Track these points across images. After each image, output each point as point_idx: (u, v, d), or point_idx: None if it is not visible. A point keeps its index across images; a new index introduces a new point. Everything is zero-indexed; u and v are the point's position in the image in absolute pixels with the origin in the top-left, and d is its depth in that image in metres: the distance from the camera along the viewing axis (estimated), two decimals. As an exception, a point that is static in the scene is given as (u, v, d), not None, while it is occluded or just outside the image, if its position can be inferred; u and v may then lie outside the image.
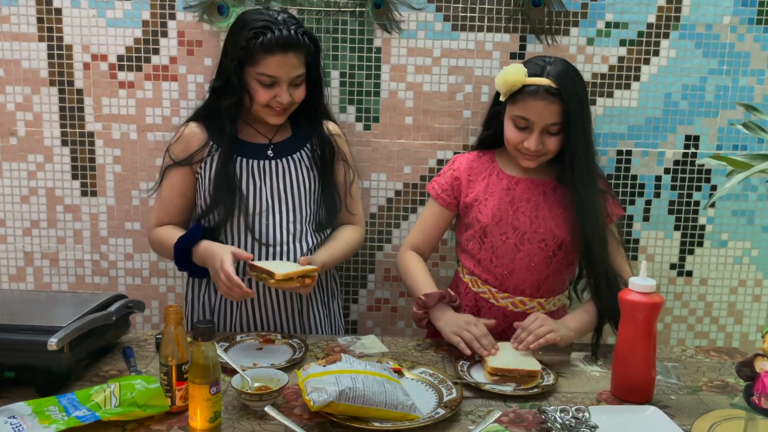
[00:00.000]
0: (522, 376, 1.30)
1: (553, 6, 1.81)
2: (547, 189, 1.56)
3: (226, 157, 1.54)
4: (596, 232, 1.48)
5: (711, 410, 1.21)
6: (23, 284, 1.93)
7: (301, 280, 1.41)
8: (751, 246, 1.96)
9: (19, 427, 1.05)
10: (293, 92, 1.52)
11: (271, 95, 1.50)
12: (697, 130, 1.89)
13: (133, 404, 1.10)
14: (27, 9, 1.79)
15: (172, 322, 1.13)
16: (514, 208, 1.54)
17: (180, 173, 1.57)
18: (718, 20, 1.84)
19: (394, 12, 1.81)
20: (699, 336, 2.01)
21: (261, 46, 1.45)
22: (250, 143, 1.59)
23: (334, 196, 1.64)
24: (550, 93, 1.43)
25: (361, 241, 1.71)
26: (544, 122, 1.46)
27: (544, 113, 1.45)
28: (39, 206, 1.90)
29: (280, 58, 1.47)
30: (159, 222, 1.60)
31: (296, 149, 1.61)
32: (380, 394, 1.12)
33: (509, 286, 1.57)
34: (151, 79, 1.84)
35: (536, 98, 1.44)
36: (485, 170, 1.60)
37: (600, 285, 1.48)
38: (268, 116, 1.55)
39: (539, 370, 1.32)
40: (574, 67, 1.50)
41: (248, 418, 1.15)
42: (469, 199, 1.58)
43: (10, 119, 1.85)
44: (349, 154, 1.69)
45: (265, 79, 1.48)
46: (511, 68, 1.46)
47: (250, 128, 1.60)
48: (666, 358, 1.47)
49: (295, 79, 1.51)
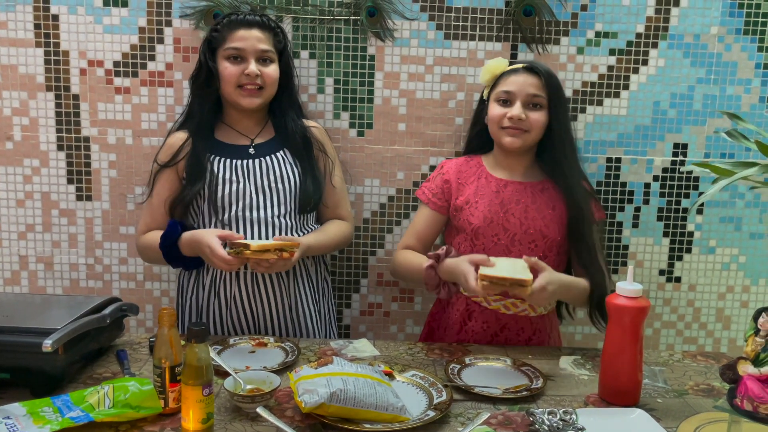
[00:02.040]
0: (511, 284, 1.33)
1: (544, 15, 1.85)
2: (536, 190, 1.59)
3: (195, 139, 1.59)
4: (586, 227, 1.54)
5: (696, 413, 1.23)
6: (18, 288, 1.94)
7: (278, 253, 1.42)
8: (738, 252, 1.99)
9: (14, 427, 1.06)
10: (262, 69, 1.57)
11: (239, 70, 1.56)
12: (686, 138, 1.92)
13: (127, 405, 1.11)
14: (24, 15, 1.81)
15: (166, 324, 1.14)
16: (504, 210, 1.56)
17: (166, 178, 1.60)
18: (705, 30, 1.87)
19: (388, 21, 1.84)
20: (688, 341, 2.04)
21: (227, 25, 1.58)
22: (230, 145, 1.62)
23: (309, 182, 1.63)
24: (529, 69, 1.55)
25: (349, 235, 1.72)
26: (525, 92, 1.54)
27: (525, 84, 1.54)
28: (34, 210, 1.91)
29: (244, 32, 1.57)
30: (146, 229, 1.63)
31: (279, 148, 1.64)
32: (371, 396, 1.14)
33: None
34: (146, 85, 1.85)
35: (517, 73, 1.56)
36: (474, 174, 1.63)
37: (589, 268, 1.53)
38: (241, 98, 1.58)
39: (529, 279, 1.33)
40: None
41: (240, 419, 1.16)
42: (460, 202, 1.61)
43: (6, 124, 1.86)
44: (329, 145, 1.72)
45: (232, 52, 1.56)
46: (493, 60, 1.61)
47: (232, 130, 1.64)
48: (653, 362, 1.49)
49: (262, 53, 1.57)
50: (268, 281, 1.58)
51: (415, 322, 1.99)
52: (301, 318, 1.63)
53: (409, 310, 1.99)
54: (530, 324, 1.59)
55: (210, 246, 1.43)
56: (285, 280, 1.59)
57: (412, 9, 1.84)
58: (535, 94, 1.53)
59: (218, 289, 1.59)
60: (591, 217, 1.57)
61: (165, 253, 1.54)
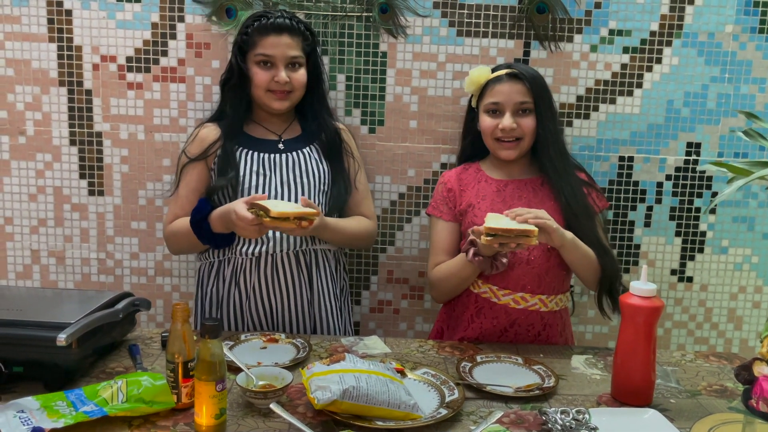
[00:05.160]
0: (517, 235, 1.33)
1: (557, 13, 1.84)
2: (536, 185, 1.61)
3: (226, 138, 1.61)
4: (580, 204, 1.55)
5: (710, 414, 1.22)
6: (30, 282, 1.95)
7: (297, 222, 1.41)
8: (751, 253, 1.98)
9: (28, 420, 1.07)
10: (291, 74, 1.59)
11: (269, 76, 1.58)
12: (699, 137, 1.91)
13: (140, 400, 1.12)
14: (38, 10, 1.81)
15: (179, 319, 1.15)
16: (507, 208, 1.55)
17: (196, 170, 1.62)
18: (720, 29, 1.86)
19: (400, 17, 1.84)
20: (699, 341, 2.03)
21: (257, 30, 1.59)
22: (260, 139, 1.64)
23: (341, 184, 1.66)
24: (513, 76, 1.57)
25: (370, 231, 1.71)
26: (513, 101, 1.56)
27: (511, 93, 1.56)
28: (46, 205, 1.92)
29: (274, 38, 1.58)
30: (174, 219, 1.63)
31: (306, 144, 1.66)
32: (383, 393, 1.14)
33: (510, 282, 1.57)
34: (159, 81, 1.86)
35: (501, 83, 1.58)
36: (473, 179, 1.65)
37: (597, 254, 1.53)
38: (270, 101, 1.60)
39: (534, 230, 1.33)
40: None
41: (253, 415, 1.16)
42: (464, 206, 1.62)
43: (19, 118, 1.87)
44: (355, 148, 1.73)
45: (262, 57, 1.58)
46: (475, 69, 1.63)
47: (260, 126, 1.66)
48: (666, 362, 1.48)
49: (292, 59, 1.59)
50: (288, 273, 1.59)
51: (425, 319, 1.99)
52: (322, 312, 1.64)
53: (419, 308, 1.99)
54: (540, 319, 1.59)
55: (236, 210, 1.43)
56: (305, 274, 1.60)
57: (424, 6, 1.83)
58: (522, 101, 1.56)
59: (238, 280, 1.60)
60: (590, 208, 1.58)
61: (195, 230, 1.54)
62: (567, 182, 1.57)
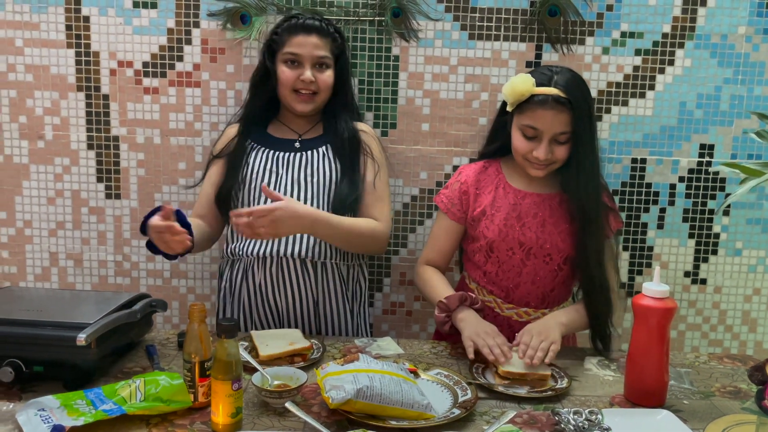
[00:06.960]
0: (533, 379, 1.32)
1: (569, 15, 1.84)
2: (553, 203, 1.56)
3: (241, 134, 1.65)
4: (595, 245, 1.50)
5: (723, 415, 1.22)
6: (48, 284, 1.98)
7: (290, 359, 1.38)
8: (765, 254, 1.97)
9: (48, 419, 1.09)
10: (317, 75, 1.60)
11: (295, 75, 1.60)
12: (712, 138, 1.91)
13: (158, 399, 1.14)
14: (56, 17, 1.85)
15: (196, 319, 1.16)
16: (520, 224, 1.54)
17: (216, 166, 1.67)
18: (733, 30, 1.85)
19: (412, 21, 1.85)
20: (713, 344, 2.02)
21: (287, 29, 1.62)
22: (278, 138, 1.67)
23: (347, 181, 1.61)
24: (558, 102, 1.44)
25: (376, 232, 1.61)
26: (552, 131, 1.46)
27: (554, 123, 1.45)
28: (65, 208, 1.95)
29: (302, 37, 1.60)
30: (195, 214, 1.67)
31: (323, 144, 1.66)
32: (397, 393, 1.15)
33: (515, 298, 1.58)
34: (174, 86, 1.89)
35: (545, 108, 1.45)
36: (492, 182, 1.60)
37: (592, 294, 1.51)
38: (294, 103, 1.62)
39: (549, 374, 1.34)
40: (581, 76, 1.52)
41: (268, 414, 1.18)
42: (477, 212, 1.58)
43: (38, 123, 1.90)
44: (376, 149, 1.68)
45: (289, 56, 1.60)
46: (519, 78, 1.47)
47: (284, 126, 1.69)
48: (679, 364, 1.48)
49: (319, 59, 1.60)
50: (293, 272, 1.59)
51: (438, 321, 1.99)
52: (328, 314, 1.64)
53: (431, 310, 1.97)
54: None
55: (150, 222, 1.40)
56: (311, 274, 1.60)
57: (436, 9, 1.85)
58: (562, 132, 1.46)
59: (248, 276, 1.62)
60: (601, 233, 1.51)
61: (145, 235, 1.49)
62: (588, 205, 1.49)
